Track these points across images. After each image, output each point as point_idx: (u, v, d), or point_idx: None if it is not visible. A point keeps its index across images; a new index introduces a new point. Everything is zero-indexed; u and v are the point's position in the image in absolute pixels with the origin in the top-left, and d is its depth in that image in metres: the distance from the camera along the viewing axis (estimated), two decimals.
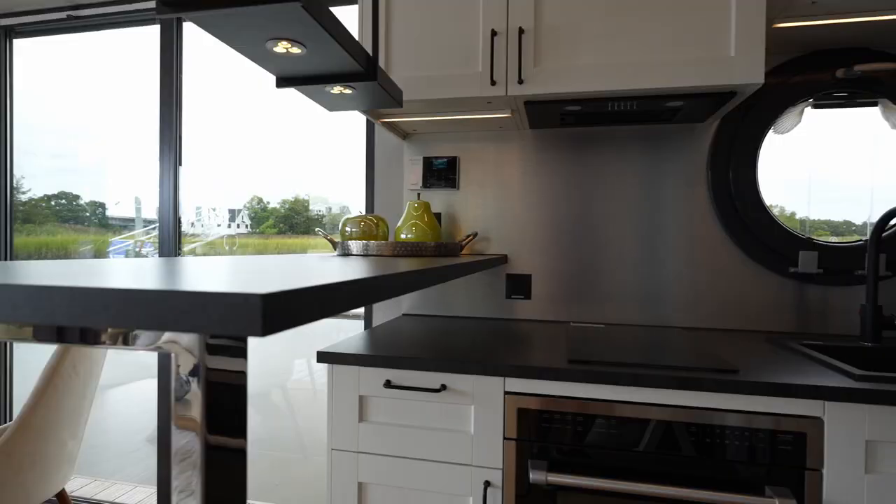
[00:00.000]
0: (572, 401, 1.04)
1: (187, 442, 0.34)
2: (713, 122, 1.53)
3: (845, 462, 0.93)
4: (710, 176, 1.53)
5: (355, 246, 1.32)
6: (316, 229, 1.51)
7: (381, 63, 1.38)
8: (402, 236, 1.52)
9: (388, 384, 1.13)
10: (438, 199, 1.74)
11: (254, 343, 2.34)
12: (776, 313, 1.51)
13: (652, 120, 1.49)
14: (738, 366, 1.05)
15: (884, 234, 1.43)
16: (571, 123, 1.55)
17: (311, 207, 2.38)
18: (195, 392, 0.34)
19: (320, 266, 0.67)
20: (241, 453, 0.37)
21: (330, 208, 2.51)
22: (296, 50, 0.86)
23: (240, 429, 0.37)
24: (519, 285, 1.67)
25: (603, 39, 1.25)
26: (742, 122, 1.50)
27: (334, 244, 1.41)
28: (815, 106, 1.47)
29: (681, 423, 0.99)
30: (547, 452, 1.05)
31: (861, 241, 1.46)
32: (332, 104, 1.12)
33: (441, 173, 1.72)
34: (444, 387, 1.10)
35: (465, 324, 1.57)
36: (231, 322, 0.30)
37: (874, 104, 1.44)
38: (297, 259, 0.92)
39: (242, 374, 0.36)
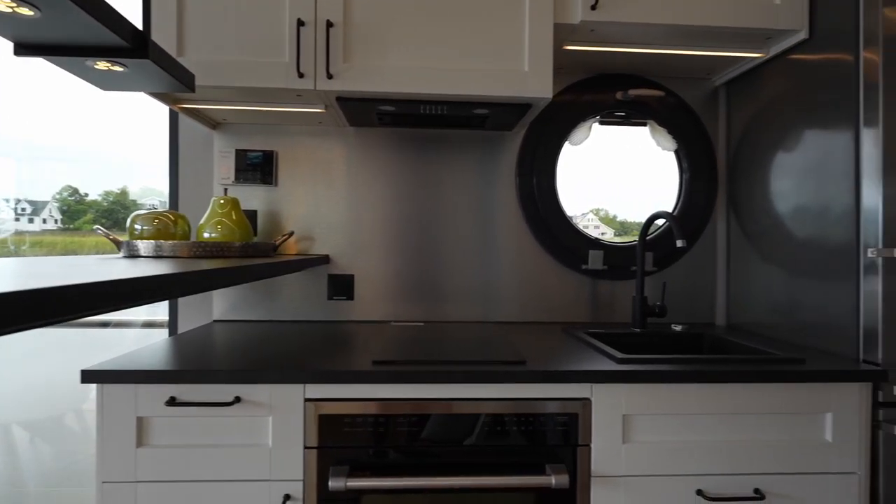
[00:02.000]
0: (375, 402, 1.03)
1: None
2: (520, 132, 1.66)
3: (608, 435, 1.06)
4: (517, 182, 1.66)
5: (144, 246, 1.16)
6: (95, 227, 1.30)
7: (173, 42, 1.23)
8: (205, 235, 1.38)
9: (171, 402, 1.00)
10: (255, 196, 1.62)
11: (35, 363, 1.95)
12: (575, 306, 1.69)
13: (465, 125, 1.56)
14: (526, 357, 1.14)
15: (649, 237, 1.69)
16: (389, 123, 1.55)
17: (142, 201, 2.05)
18: None
19: (63, 270, 0.56)
20: None
21: (165, 202, 2.20)
22: (25, 11, 0.71)
23: None
24: (341, 286, 1.63)
25: (413, 42, 1.27)
26: (543, 132, 1.65)
27: (118, 244, 1.23)
28: (601, 123, 1.68)
29: (476, 414, 1.04)
30: (350, 458, 1.03)
31: (635, 241, 1.70)
32: (104, 82, 0.96)
33: (257, 168, 1.60)
34: (238, 399, 1.02)
35: (282, 328, 1.48)
36: None
37: (644, 124, 1.68)
38: (52, 262, 0.76)
39: None
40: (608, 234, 1.79)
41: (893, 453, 1.09)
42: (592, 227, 1.80)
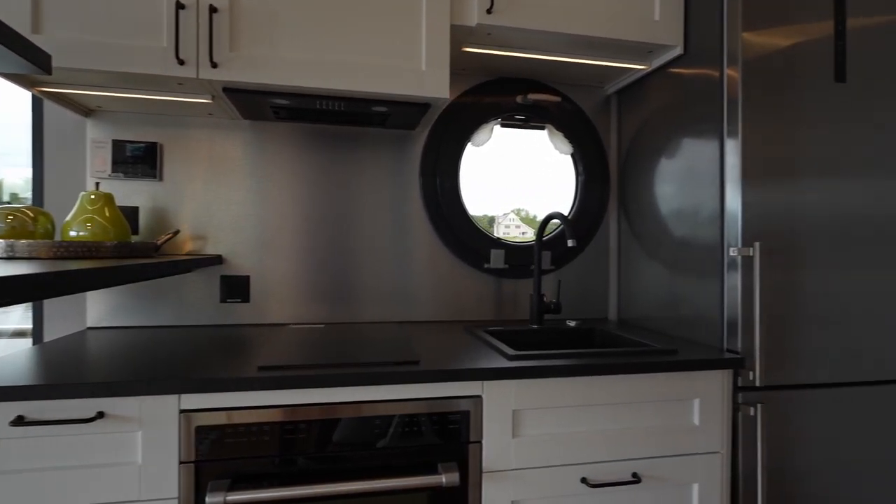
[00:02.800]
0: (260, 411, 0.98)
1: None
2: (424, 131, 1.66)
3: (498, 431, 1.08)
4: (421, 182, 1.66)
5: None
6: None
7: (26, 16, 1.09)
8: (72, 234, 1.24)
9: (19, 421, 0.89)
10: (137, 192, 1.49)
11: None
12: (479, 305, 1.72)
13: (367, 123, 1.54)
14: (422, 357, 1.14)
15: (548, 236, 1.75)
16: (286, 118, 1.49)
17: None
18: None
19: None
20: None
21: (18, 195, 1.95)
22: None
23: None
24: (236, 287, 1.54)
25: (307, 33, 1.23)
26: (446, 133, 1.66)
27: None
28: (502, 125, 1.72)
29: (368, 417, 1.02)
30: (233, 471, 0.97)
31: (532, 241, 1.76)
32: None
33: (139, 161, 1.48)
34: (101, 414, 0.92)
35: (166, 334, 1.38)
36: None
37: (543, 128, 1.75)
38: None
39: None
40: (529, 234, 1.83)
41: (750, 432, 1.21)
42: (514, 227, 1.84)
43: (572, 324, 1.58)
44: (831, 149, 1.27)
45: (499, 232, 1.79)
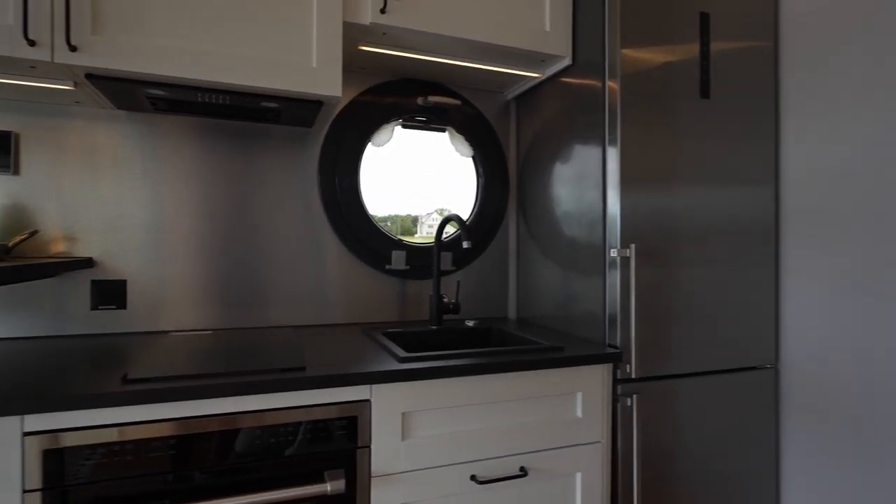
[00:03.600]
0: (127, 427, 0.90)
1: None
2: (322, 129, 1.61)
3: (387, 434, 1.07)
4: (319, 181, 1.61)
5: None
6: None
7: None
8: None
9: None
10: None
11: None
12: (383, 306, 1.70)
13: (259, 118, 1.47)
14: (312, 362, 1.10)
15: (450, 237, 1.78)
16: (166, 110, 1.39)
17: None
18: None
19: None
20: None
21: None
22: None
23: None
24: (110, 293, 1.41)
25: (182, 19, 1.14)
26: (346, 132, 1.63)
27: None
28: (404, 126, 1.72)
29: (251, 428, 0.97)
30: (90, 495, 0.88)
31: (432, 242, 1.78)
32: None
33: None
34: None
35: (18, 347, 1.23)
36: None
37: (444, 130, 1.77)
38: None
39: None
40: (451, 232, 1.83)
41: (627, 421, 1.30)
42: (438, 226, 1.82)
43: (471, 323, 1.61)
44: (697, 158, 1.40)
45: (422, 231, 1.79)
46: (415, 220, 1.81)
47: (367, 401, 1.06)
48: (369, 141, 1.66)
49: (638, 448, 1.29)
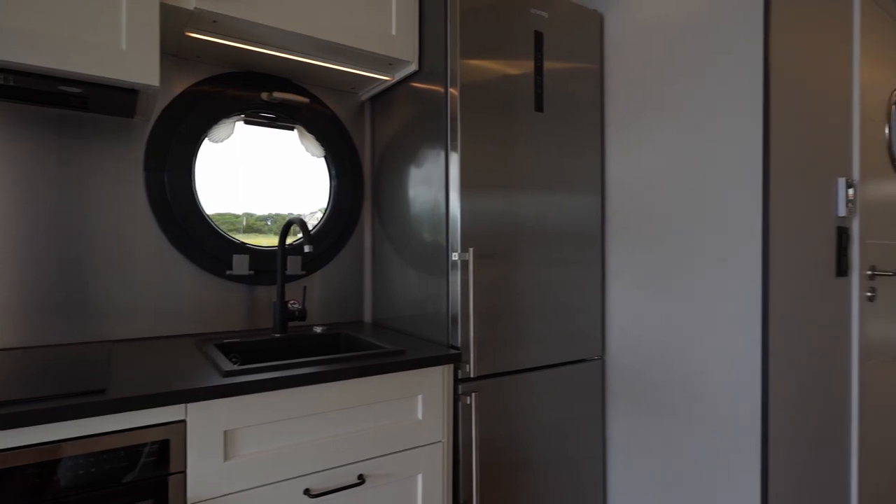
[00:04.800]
0: None
1: None
2: (149, 120, 1.45)
3: (206, 456, 0.99)
4: (146, 178, 1.45)
5: None
6: None
7: None
8: None
9: None
10: None
11: None
12: (226, 315, 1.58)
13: (63, 104, 1.28)
14: (119, 382, 0.98)
15: (298, 242, 1.71)
16: None
17: None
18: None
19: None
20: None
21: None
22: None
23: None
24: None
25: None
26: (178, 124, 1.49)
27: None
28: (246, 122, 1.61)
29: (38, 464, 0.83)
30: None
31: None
32: None
33: None
34: None
35: None
36: None
37: (293, 128, 1.69)
38: None
39: None
40: None
41: (467, 418, 1.35)
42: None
43: (319, 330, 1.56)
44: (535, 166, 1.49)
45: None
46: (293, 222, 1.69)
47: (182, 421, 0.97)
48: (205, 136, 1.53)
49: (477, 443, 1.34)
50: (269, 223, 1.69)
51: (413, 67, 1.53)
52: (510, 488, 1.44)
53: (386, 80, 1.64)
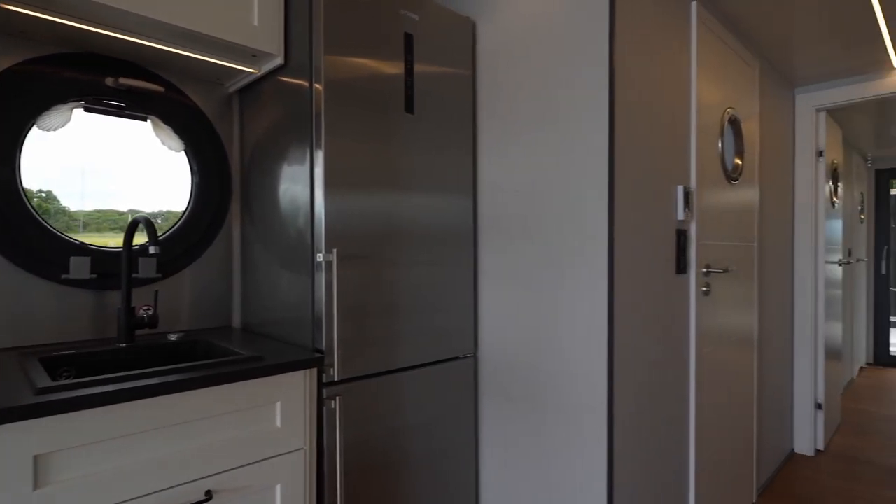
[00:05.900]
0: None
1: None
2: None
3: (10, 488, 0.87)
4: None
5: None
6: None
7: None
8: None
9: None
10: None
11: None
12: (64, 324, 1.41)
13: None
14: None
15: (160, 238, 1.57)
16: None
17: None
18: None
19: None
20: None
21: None
22: None
23: None
24: None
25: None
26: None
27: None
28: (87, 109, 1.45)
29: None
30: None
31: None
32: None
33: None
34: None
35: None
36: None
37: (145, 119, 1.55)
38: None
39: None
40: None
41: (332, 422, 1.32)
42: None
43: (174, 337, 1.44)
44: (406, 167, 1.50)
45: None
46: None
47: None
48: (33, 123, 1.35)
49: (342, 448, 1.32)
50: (159, 220, 1.54)
51: (279, 61, 1.47)
52: (385, 488, 1.43)
53: (252, 73, 1.56)
